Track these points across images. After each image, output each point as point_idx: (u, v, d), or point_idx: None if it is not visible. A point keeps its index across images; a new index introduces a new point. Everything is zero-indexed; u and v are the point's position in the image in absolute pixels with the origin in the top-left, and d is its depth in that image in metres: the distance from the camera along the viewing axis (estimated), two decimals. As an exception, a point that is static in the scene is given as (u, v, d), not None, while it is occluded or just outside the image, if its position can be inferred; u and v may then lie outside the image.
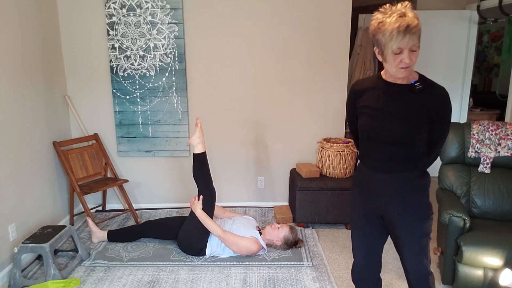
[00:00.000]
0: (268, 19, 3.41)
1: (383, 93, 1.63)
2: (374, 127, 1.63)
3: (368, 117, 1.65)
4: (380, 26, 1.48)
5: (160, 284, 2.49)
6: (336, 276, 2.61)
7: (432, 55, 4.51)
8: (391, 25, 1.45)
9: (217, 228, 2.73)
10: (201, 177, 2.87)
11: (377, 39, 1.52)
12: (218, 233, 2.73)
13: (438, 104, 1.59)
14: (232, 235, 2.75)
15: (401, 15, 1.46)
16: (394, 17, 1.46)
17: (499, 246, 2.17)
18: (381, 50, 1.52)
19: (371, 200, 1.74)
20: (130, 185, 3.72)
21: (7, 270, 2.57)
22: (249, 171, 3.74)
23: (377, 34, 1.51)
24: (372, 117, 1.64)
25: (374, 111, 1.63)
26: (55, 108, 3.29)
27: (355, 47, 4.77)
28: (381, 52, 1.54)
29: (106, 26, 3.37)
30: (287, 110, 3.60)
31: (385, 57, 1.54)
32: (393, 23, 1.45)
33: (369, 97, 1.67)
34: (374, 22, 1.52)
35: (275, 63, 3.50)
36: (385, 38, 1.47)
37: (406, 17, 1.45)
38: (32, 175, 2.91)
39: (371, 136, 1.66)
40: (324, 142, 3.38)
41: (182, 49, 3.42)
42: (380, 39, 1.50)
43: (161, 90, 3.50)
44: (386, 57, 1.52)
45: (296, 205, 3.29)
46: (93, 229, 3.03)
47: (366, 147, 1.71)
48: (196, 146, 2.86)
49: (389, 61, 1.53)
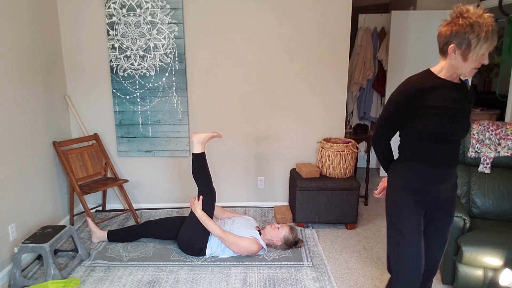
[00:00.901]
0: (268, 19, 3.41)
1: (450, 92, 1.60)
2: (447, 126, 1.60)
3: (440, 117, 1.58)
4: (475, 25, 1.44)
5: (160, 284, 2.49)
6: (336, 276, 2.61)
7: (432, 55, 4.51)
8: (488, 26, 1.43)
9: (217, 229, 2.73)
10: (200, 177, 2.87)
11: (465, 38, 1.46)
12: (218, 234, 2.73)
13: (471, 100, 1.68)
14: (232, 236, 2.75)
15: (489, 15, 1.46)
16: (487, 18, 1.44)
17: (499, 246, 2.17)
18: (467, 49, 1.47)
19: (428, 196, 1.71)
20: (130, 185, 3.72)
21: (7, 270, 2.57)
22: (249, 171, 3.74)
23: (468, 33, 1.45)
24: (446, 117, 1.59)
25: (448, 111, 1.59)
26: (55, 108, 3.29)
27: (355, 47, 4.77)
28: (463, 52, 1.49)
29: (106, 26, 3.37)
30: (287, 110, 3.60)
31: (466, 57, 1.49)
32: (489, 24, 1.43)
33: (436, 96, 1.59)
34: (464, 22, 1.46)
35: (274, 63, 3.50)
36: (478, 39, 1.44)
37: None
38: (32, 175, 2.91)
39: (441, 135, 1.61)
40: (324, 142, 3.38)
41: (182, 49, 3.42)
42: (472, 39, 1.45)
43: (161, 90, 3.50)
44: (471, 57, 1.49)
45: (296, 205, 3.29)
46: (93, 229, 3.03)
47: (430, 147, 1.65)
48: (196, 145, 2.87)
49: (470, 61, 1.50)
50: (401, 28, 4.45)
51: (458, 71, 1.57)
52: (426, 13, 4.40)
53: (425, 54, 4.52)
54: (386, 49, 4.66)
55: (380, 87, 4.82)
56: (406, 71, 4.58)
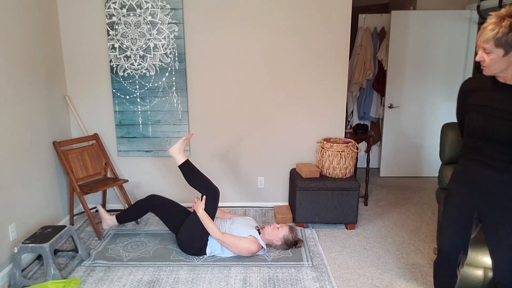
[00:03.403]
0: (268, 19, 3.41)
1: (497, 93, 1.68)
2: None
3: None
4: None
5: (160, 284, 2.49)
6: (336, 276, 2.61)
7: (432, 55, 4.52)
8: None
9: (217, 231, 2.73)
10: (197, 183, 2.88)
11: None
12: (217, 236, 2.72)
13: None
14: (231, 237, 2.75)
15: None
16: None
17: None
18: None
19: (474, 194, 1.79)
20: (130, 185, 3.72)
21: (7, 270, 2.58)
22: (249, 171, 3.74)
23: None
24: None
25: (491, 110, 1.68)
26: (55, 108, 3.29)
27: (355, 47, 4.77)
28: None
29: (106, 26, 3.37)
30: (287, 110, 3.60)
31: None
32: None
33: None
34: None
35: (274, 63, 3.50)
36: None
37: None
38: (32, 175, 2.91)
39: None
40: (324, 142, 3.38)
41: (182, 49, 3.42)
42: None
43: (161, 90, 3.50)
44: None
45: (296, 205, 3.29)
46: (104, 216, 3.05)
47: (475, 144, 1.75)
48: (176, 157, 2.90)
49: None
50: (401, 28, 4.45)
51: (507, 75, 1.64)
52: (426, 13, 4.40)
53: (425, 54, 4.52)
54: (386, 49, 4.66)
55: (380, 87, 4.82)
56: (406, 71, 4.58)
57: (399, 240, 3.15)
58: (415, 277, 2.60)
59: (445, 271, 1.98)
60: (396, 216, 3.64)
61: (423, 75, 4.58)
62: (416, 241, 3.13)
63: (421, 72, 4.58)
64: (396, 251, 2.96)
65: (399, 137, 4.75)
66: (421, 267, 2.73)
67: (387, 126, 4.74)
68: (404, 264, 2.77)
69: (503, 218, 1.69)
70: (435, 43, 4.48)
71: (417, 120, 4.70)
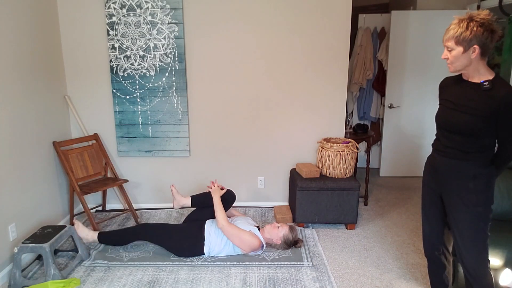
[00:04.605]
0: (268, 18, 3.41)
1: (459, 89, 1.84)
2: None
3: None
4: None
5: (160, 284, 2.49)
6: (336, 276, 2.61)
7: (432, 55, 4.51)
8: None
9: (224, 218, 2.76)
10: (210, 201, 2.94)
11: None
12: (223, 223, 2.73)
13: (497, 105, 1.69)
14: (236, 228, 2.75)
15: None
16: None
17: (499, 246, 2.17)
18: (485, 51, 1.69)
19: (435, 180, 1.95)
20: (130, 185, 3.72)
21: (7, 270, 2.58)
22: (249, 171, 3.74)
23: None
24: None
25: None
26: (55, 108, 3.29)
27: (355, 47, 4.77)
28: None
29: (106, 26, 3.37)
30: (287, 110, 3.60)
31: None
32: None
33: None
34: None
35: (275, 63, 3.50)
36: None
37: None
38: (32, 175, 2.91)
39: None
40: (324, 142, 3.38)
41: (182, 49, 3.42)
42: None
43: (161, 90, 3.50)
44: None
45: (296, 205, 3.29)
46: (83, 235, 2.92)
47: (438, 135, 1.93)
48: (184, 205, 3.04)
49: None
50: (401, 28, 4.45)
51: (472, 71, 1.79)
52: (426, 13, 4.40)
53: (425, 54, 4.52)
54: (386, 49, 4.66)
55: (380, 87, 4.82)
56: (406, 71, 4.58)
57: (399, 240, 3.15)
58: (415, 277, 2.60)
59: (435, 274, 2.15)
60: (396, 216, 3.64)
61: (423, 75, 4.58)
62: (416, 241, 3.13)
63: (421, 72, 4.58)
64: (396, 251, 2.96)
65: (399, 137, 4.75)
66: (421, 267, 2.73)
67: (387, 126, 4.74)
68: (404, 264, 2.77)
69: (455, 200, 1.85)
70: (435, 43, 4.48)
71: (417, 120, 4.70)
